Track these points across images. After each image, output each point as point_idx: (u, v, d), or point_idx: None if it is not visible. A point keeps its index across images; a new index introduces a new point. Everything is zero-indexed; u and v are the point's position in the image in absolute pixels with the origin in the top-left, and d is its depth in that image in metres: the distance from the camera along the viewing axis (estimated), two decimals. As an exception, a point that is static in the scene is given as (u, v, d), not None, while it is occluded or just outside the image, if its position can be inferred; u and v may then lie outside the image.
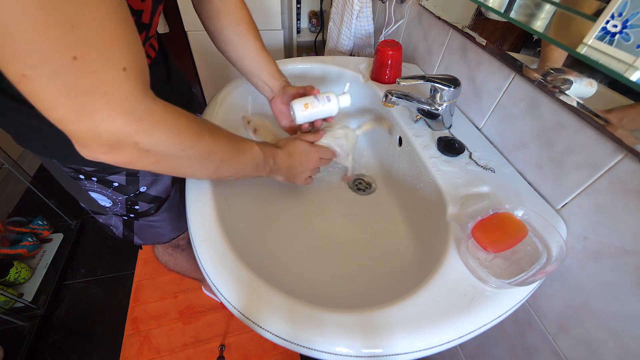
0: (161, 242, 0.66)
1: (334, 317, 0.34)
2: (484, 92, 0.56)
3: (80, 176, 0.48)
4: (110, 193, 0.52)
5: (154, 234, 0.63)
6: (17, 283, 1.12)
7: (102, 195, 0.52)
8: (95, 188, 0.51)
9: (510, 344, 0.57)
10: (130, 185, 0.52)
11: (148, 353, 1.04)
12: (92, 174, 0.48)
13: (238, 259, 0.39)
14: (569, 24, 0.40)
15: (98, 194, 0.52)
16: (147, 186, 0.54)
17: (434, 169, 0.51)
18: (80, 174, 0.48)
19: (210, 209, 0.45)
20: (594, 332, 0.42)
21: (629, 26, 0.33)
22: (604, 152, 0.37)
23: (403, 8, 0.80)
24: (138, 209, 0.56)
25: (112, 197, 0.53)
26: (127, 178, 0.51)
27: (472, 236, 0.39)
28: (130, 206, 0.55)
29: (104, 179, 0.49)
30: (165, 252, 0.75)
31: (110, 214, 0.57)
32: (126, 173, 0.50)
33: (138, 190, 0.53)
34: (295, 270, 0.51)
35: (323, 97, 0.53)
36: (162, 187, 0.56)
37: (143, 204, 0.56)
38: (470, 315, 0.35)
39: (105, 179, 0.49)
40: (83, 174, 0.48)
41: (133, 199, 0.54)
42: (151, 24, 0.42)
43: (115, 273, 1.26)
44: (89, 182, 0.49)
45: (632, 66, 0.33)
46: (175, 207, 0.61)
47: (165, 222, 0.61)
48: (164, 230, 0.63)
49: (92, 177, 0.49)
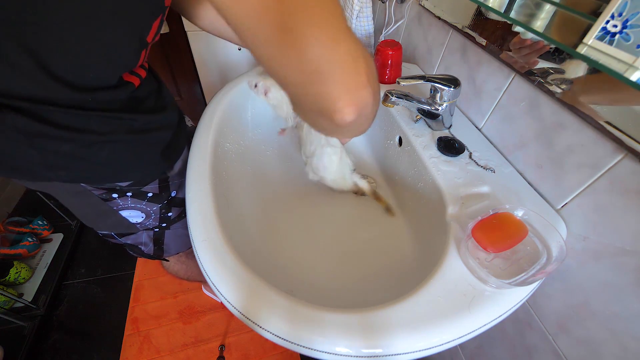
0: (185, 248, 0.66)
1: (334, 317, 0.34)
2: (484, 92, 0.56)
3: (114, 195, 0.47)
4: (144, 205, 0.52)
5: (181, 240, 0.63)
6: (17, 283, 1.12)
7: (135, 210, 0.52)
8: (129, 204, 0.50)
9: (510, 344, 0.57)
10: (163, 192, 0.52)
11: (148, 353, 1.04)
12: (127, 189, 0.48)
13: (238, 259, 0.39)
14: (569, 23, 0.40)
15: (131, 210, 0.51)
16: (177, 190, 0.55)
17: (434, 169, 0.51)
18: (114, 193, 0.47)
19: (210, 209, 0.45)
20: (594, 332, 0.42)
21: (629, 26, 0.33)
22: (604, 152, 0.37)
23: (403, 8, 0.80)
24: (171, 215, 0.57)
25: (146, 210, 0.53)
26: (160, 185, 0.51)
27: (472, 236, 0.39)
28: (164, 214, 0.55)
29: (138, 191, 0.49)
30: (178, 261, 0.74)
31: (141, 231, 0.56)
32: (159, 180, 0.51)
33: (170, 196, 0.54)
34: (295, 270, 0.51)
35: None
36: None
37: (175, 209, 0.57)
38: (470, 315, 0.35)
39: (140, 191, 0.49)
40: (117, 192, 0.47)
41: (166, 206, 0.55)
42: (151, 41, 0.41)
43: (115, 273, 1.26)
44: (122, 199, 0.49)
45: (632, 66, 0.33)
46: None
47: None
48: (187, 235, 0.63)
49: (127, 192, 0.48)
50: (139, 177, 0.48)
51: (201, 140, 0.57)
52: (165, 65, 1.48)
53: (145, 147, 0.46)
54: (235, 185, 0.60)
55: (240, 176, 0.63)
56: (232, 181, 0.59)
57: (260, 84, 0.64)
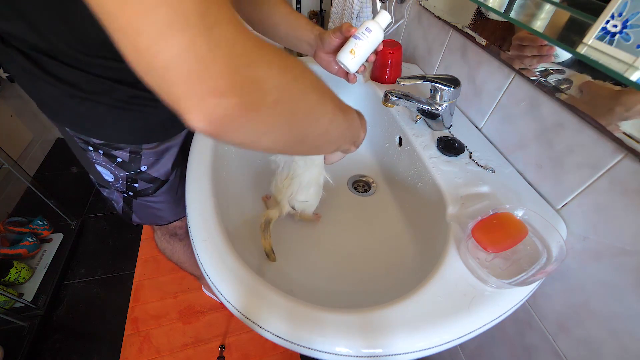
0: (159, 223, 0.68)
1: (334, 317, 0.34)
2: (484, 92, 0.56)
3: (89, 147, 0.50)
4: (113, 168, 0.53)
5: (151, 214, 0.65)
6: (17, 283, 1.12)
7: (106, 170, 0.54)
8: (100, 161, 0.52)
9: (510, 344, 0.57)
10: (132, 163, 0.54)
11: (148, 353, 1.04)
12: (99, 146, 0.50)
13: (238, 259, 0.39)
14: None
15: (103, 167, 0.54)
16: (148, 166, 0.56)
17: (434, 169, 0.51)
18: (89, 146, 0.50)
19: (210, 209, 0.45)
20: (594, 332, 0.42)
21: (629, 26, 0.33)
22: (604, 152, 0.37)
23: (403, 8, 0.80)
24: (137, 187, 0.58)
25: (115, 172, 0.54)
26: (130, 155, 0.53)
27: (472, 236, 0.39)
28: (130, 184, 0.57)
29: (109, 153, 0.51)
30: (163, 238, 0.76)
31: (113, 189, 0.59)
32: (130, 150, 0.52)
33: (139, 168, 0.55)
34: (295, 270, 0.51)
35: (363, 31, 0.48)
36: (163, 169, 0.58)
37: (142, 183, 0.58)
38: (470, 315, 0.35)
39: (110, 153, 0.51)
40: (92, 146, 0.50)
41: (133, 177, 0.56)
42: None
43: (115, 273, 1.26)
44: (95, 154, 0.51)
45: (632, 66, 0.33)
46: (174, 191, 0.63)
47: (163, 204, 0.63)
48: (162, 212, 0.65)
49: (99, 149, 0.50)
50: (110, 139, 0.50)
51: (201, 140, 0.57)
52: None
53: (126, 114, 0.48)
54: (235, 185, 0.60)
55: (240, 176, 0.63)
56: (232, 181, 0.59)
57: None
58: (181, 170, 0.61)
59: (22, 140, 1.59)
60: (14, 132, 1.55)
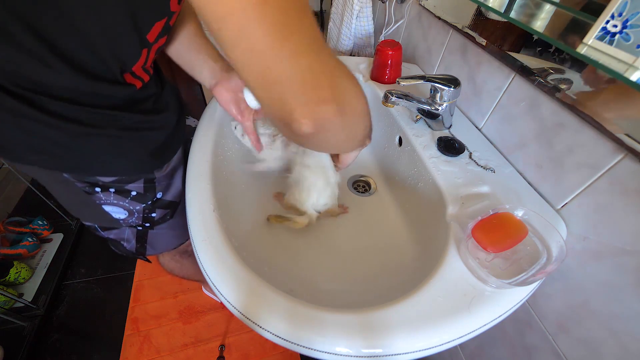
0: (171, 248, 0.65)
1: (334, 317, 0.34)
2: (484, 92, 0.56)
3: (97, 189, 0.47)
4: (127, 203, 0.50)
5: (166, 241, 0.62)
6: (17, 283, 1.12)
7: (118, 207, 0.51)
8: (111, 200, 0.49)
9: (510, 344, 0.57)
10: (147, 193, 0.51)
11: (148, 353, 1.04)
12: (110, 185, 0.47)
13: (238, 259, 0.39)
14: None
15: (113, 206, 0.50)
16: (163, 191, 0.53)
17: (434, 169, 0.51)
18: (97, 187, 0.46)
19: (210, 209, 0.45)
20: (594, 332, 0.42)
21: (629, 26, 0.33)
22: (604, 152, 0.37)
23: (403, 8, 0.80)
24: (155, 216, 0.55)
25: (129, 208, 0.51)
26: (145, 185, 0.50)
27: (472, 236, 0.39)
28: (147, 214, 0.54)
29: (122, 189, 0.48)
30: (172, 259, 0.73)
31: (124, 227, 0.55)
32: (144, 180, 0.49)
33: (155, 197, 0.52)
34: (295, 270, 0.51)
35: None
36: (176, 190, 0.56)
37: (160, 211, 0.55)
38: (470, 315, 0.35)
39: (123, 189, 0.48)
40: (100, 187, 0.47)
41: (150, 207, 0.53)
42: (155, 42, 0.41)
43: (115, 273, 1.26)
44: (105, 194, 0.48)
45: (632, 66, 0.33)
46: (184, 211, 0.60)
47: (177, 226, 0.60)
48: (175, 235, 0.62)
49: (110, 188, 0.47)
50: (123, 174, 0.47)
51: (201, 140, 0.57)
52: (165, 65, 1.48)
53: (134, 145, 0.45)
54: (235, 185, 0.60)
55: (241, 176, 0.63)
56: (232, 181, 0.59)
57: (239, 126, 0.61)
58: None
59: (22, 140, 1.59)
60: (14, 132, 1.55)
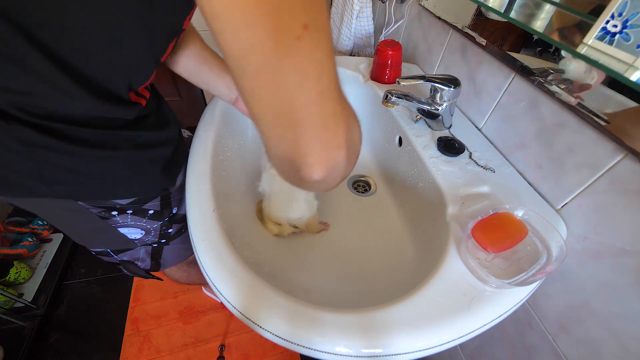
0: (182, 260, 0.65)
1: (334, 317, 0.34)
2: (484, 92, 0.56)
3: (113, 212, 0.46)
4: (144, 223, 0.51)
5: (177, 254, 0.62)
6: (17, 283, 1.12)
7: (135, 228, 0.51)
8: (128, 222, 0.49)
9: (510, 344, 0.57)
10: (164, 210, 0.51)
11: (148, 353, 1.04)
12: (128, 207, 0.47)
13: (238, 259, 0.39)
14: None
15: (130, 227, 0.50)
16: (178, 206, 0.54)
17: (434, 169, 0.51)
18: (114, 211, 0.46)
19: (210, 209, 0.45)
20: (594, 332, 0.42)
21: (629, 26, 0.33)
22: (604, 152, 0.37)
23: (403, 8, 0.80)
24: (171, 232, 0.56)
25: (146, 227, 0.52)
26: (162, 202, 0.50)
27: (472, 236, 0.39)
28: (164, 231, 0.54)
29: (139, 209, 0.48)
30: (179, 270, 0.73)
31: (139, 247, 0.55)
32: (161, 197, 0.50)
33: (171, 212, 0.53)
34: (295, 270, 0.51)
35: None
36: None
37: (176, 226, 0.56)
38: (470, 315, 0.35)
39: (141, 208, 0.48)
40: (117, 210, 0.46)
41: (167, 223, 0.54)
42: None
43: (115, 273, 1.26)
44: (122, 217, 0.48)
45: (632, 66, 0.33)
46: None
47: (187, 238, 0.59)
48: (187, 247, 0.62)
49: (127, 210, 0.47)
50: (141, 194, 0.47)
51: (201, 140, 0.57)
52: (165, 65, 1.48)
53: (148, 163, 0.45)
54: (235, 185, 0.60)
55: (241, 176, 0.63)
56: (232, 181, 0.59)
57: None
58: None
59: (22, 140, 1.59)
60: (14, 132, 1.55)
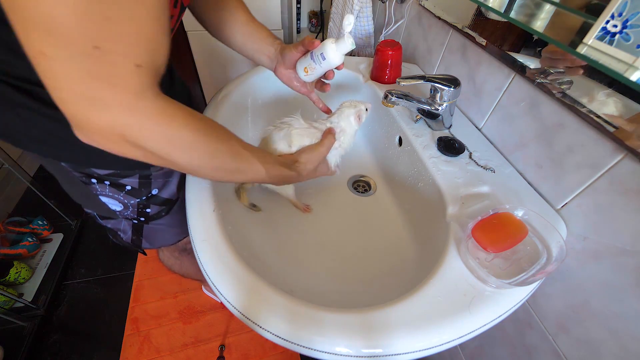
0: (168, 244, 0.66)
1: (334, 317, 0.34)
2: (484, 92, 0.56)
3: (93, 180, 0.47)
4: (122, 197, 0.51)
5: (162, 237, 0.63)
6: (17, 283, 1.12)
7: (114, 200, 0.51)
8: (107, 192, 0.50)
9: (510, 344, 0.57)
10: (142, 189, 0.51)
11: (148, 353, 1.04)
12: (105, 177, 0.47)
13: (238, 259, 0.39)
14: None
15: (109, 198, 0.51)
16: (159, 189, 0.54)
17: (434, 169, 0.51)
18: (93, 178, 0.47)
19: (210, 209, 0.45)
20: (594, 332, 0.42)
21: (629, 26, 0.33)
22: (604, 152, 0.37)
23: (403, 8, 0.80)
24: (149, 212, 0.56)
25: (124, 201, 0.52)
26: (140, 181, 0.50)
27: (472, 236, 0.39)
28: (142, 209, 0.55)
29: (117, 182, 0.48)
30: (171, 255, 0.74)
31: (120, 218, 0.56)
32: (139, 176, 0.50)
33: (150, 193, 0.53)
34: (295, 270, 0.51)
35: (318, 55, 0.47)
36: (173, 189, 0.56)
37: (154, 207, 0.56)
38: (470, 315, 0.35)
39: (118, 182, 0.49)
40: (95, 178, 0.47)
41: (145, 202, 0.54)
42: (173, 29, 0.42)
43: (115, 273, 1.26)
44: (100, 186, 0.48)
45: (632, 66, 0.33)
46: (183, 208, 0.61)
47: (174, 224, 0.61)
48: (173, 232, 0.63)
49: (105, 180, 0.48)
50: (117, 168, 0.47)
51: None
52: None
53: None
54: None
55: (240, 176, 0.63)
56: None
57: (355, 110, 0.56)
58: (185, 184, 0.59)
59: (22, 140, 1.59)
60: (14, 132, 1.55)
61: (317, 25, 1.51)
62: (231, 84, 0.71)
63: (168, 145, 0.31)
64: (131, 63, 0.25)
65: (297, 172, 0.48)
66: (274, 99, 0.77)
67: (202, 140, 0.33)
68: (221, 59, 1.45)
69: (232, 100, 0.68)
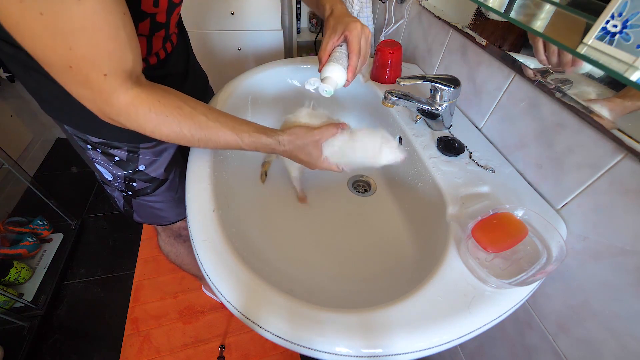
0: (161, 223, 0.69)
1: (334, 317, 0.34)
2: (484, 92, 0.56)
3: (88, 146, 0.51)
4: (111, 167, 0.54)
5: (152, 214, 0.65)
6: (17, 283, 1.12)
7: (105, 169, 0.55)
8: (99, 160, 0.53)
9: (510, 344, 0.57)
10: (130, 162, 0.54)
11: (148, 353, 1.04)
12: (97, 145, 0.51)
13: (238, 259, 0.39)
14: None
15: (102, 166, 0.54)
16: (146, 165, 0.56)
17: (434, 169, 0.51)
18: (88, 144, 0.51)
19: (210, 209, 0.45)
20: (594, 332, 0.42)
21: (629, 26, 0.33)
22: (604, 152, 0.37)
23: (403, 8, 0.80)
24: (135, 186, 0.58)
25: (113, 172, 0.55)
26: (128, 154, 0.53)
27: (472, 236, 0.39)
28: (129, 183, 0.57)
29: (107, 151, 0.52)
30: (167, 240, 0.76)
31: (113, 187, 0.59)
32: (127, 149, 0.52)
33: (137, 167, 0.55)
34: (295, 270, 0.51)
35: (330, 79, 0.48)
36: (161, 168, 0.58)
37: (140, 182, 0.58)
38: (470, 315, 0.35)
39: (108, 151, 0.52)
40: (90, 144, 0.51)
41: (131, 176, 0.56)
42: (169, 22, 0.45)
43: (115, 273, 1.26)
44: (94, 152, 0.52)
45: (632, 66, 0.33)
46: (174, 190, 0.63)
47: (163, 204, 0.63)
48: (163, 212, 0.65)
49: (97, 148, 0.51)
50: (107, 138, 0.50)
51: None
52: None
53: None
54: (236, 185, 0.60)
55: (241, 176, 0.63)
56: (232, 181, 0.59)
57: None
58: (181, 170, 0.61)
59: (22, 140, 1.59)
60: (14, 132, 1.55)
61: (317, 26, 1.51)
62: (231, 84, 0.71)
63: (140, 126, 0.39)
64: (99, 74, 0.32)
65: (277, 141, 0.46)
66: (274, 99, 0.77)
67: (167, 121, 0.40)
68: (220, 59, 1.45)
69: (233, 100, 0.68)
